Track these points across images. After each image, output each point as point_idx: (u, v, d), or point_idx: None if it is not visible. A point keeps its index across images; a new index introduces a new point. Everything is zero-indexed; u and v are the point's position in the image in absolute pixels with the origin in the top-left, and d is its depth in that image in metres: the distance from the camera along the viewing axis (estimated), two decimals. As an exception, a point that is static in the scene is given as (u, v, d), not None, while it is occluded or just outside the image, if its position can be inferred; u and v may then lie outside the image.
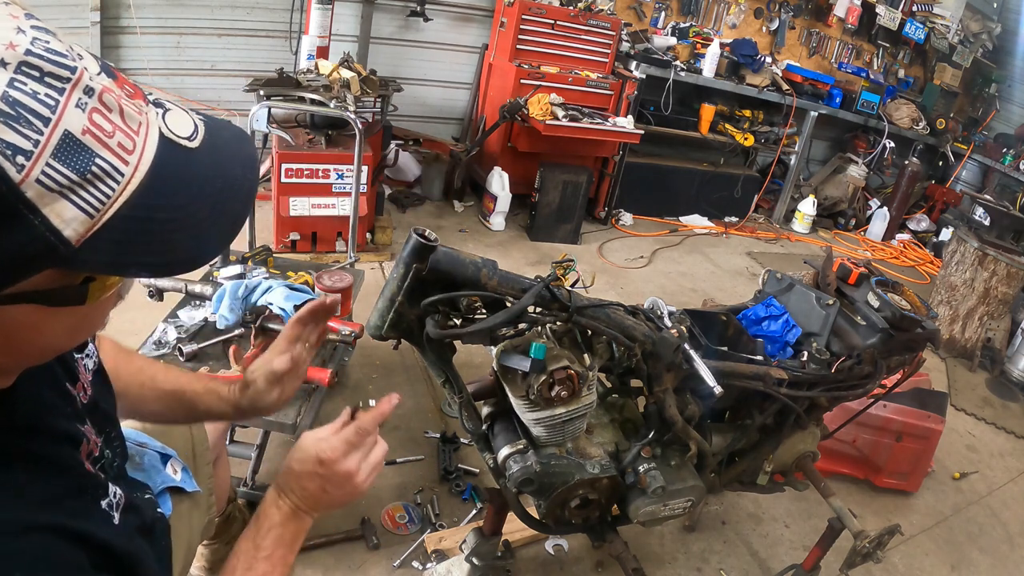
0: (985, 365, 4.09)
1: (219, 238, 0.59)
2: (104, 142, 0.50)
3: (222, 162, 0.59)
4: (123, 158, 0.52)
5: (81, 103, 0.49)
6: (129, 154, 0.52)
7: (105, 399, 0.88)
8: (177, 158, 0.56)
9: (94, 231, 0.50)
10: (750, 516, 2.42)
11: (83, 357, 0.84)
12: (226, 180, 0.59)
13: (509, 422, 1.46)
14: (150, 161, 0.53)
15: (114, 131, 0.51)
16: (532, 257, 4.32)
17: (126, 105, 0.53)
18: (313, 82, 3.32)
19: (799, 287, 1.84)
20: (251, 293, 2.03)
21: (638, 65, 4.89)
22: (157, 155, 0.54)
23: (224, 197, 0.58)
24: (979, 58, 6.80)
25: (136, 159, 0.53)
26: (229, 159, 0.60)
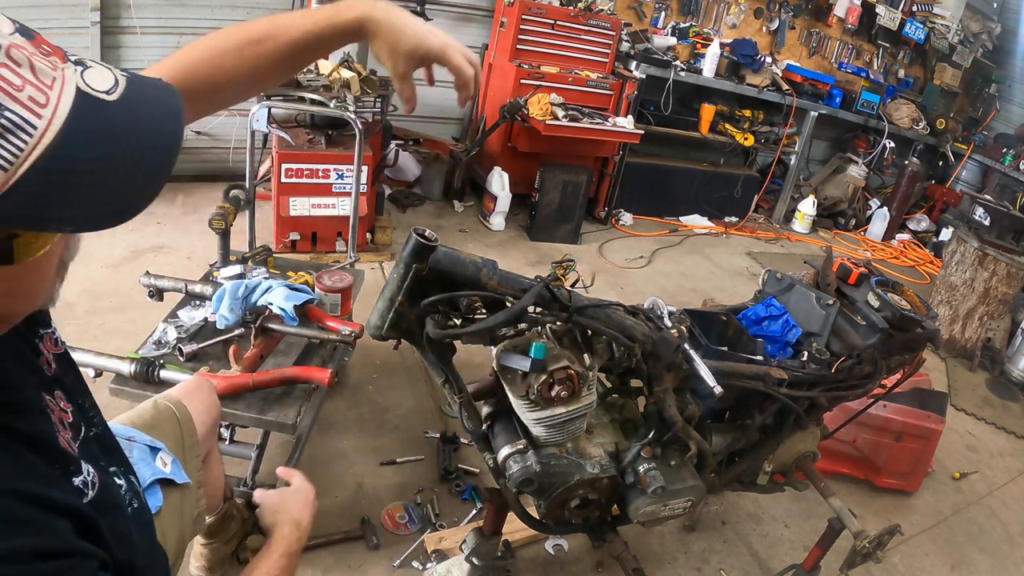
0: (985, 365, 4.09)
1: (141, 190, 0.58)
2: (13, 95, 0.50)
3: (142, 114, 0.59)
4: (35, 111, 0.51)
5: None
6: (42, 107, 0.52)
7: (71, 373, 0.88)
8: (94, 111, 0.55)
9: (10, 185, 0.50)
10: (750, 516, 2.42)
11: (50, 332, 0.85)
12: (146, 131, 0.59)
13: (509, 422, 1.46)
14: (65, 114, 0.53)
15: (24, 85, 0.51)
16: (532, 257, 4.32)
17: (38, 61, 0.53)
18: (313, 82, 3.32)
19: (799, 287, 1.84)
20: (251, 293, 2.03)
21: (638, 65, 4.89)
22: (73, 109, 0.54)
23: (144, 147, 0.58)
24: (979, 58, 6.80)
25: (50, 112, 0.52)
26: (150, 111, 0.60)
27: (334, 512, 2.07)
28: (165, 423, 1.32)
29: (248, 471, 1.94)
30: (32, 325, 0.82)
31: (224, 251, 2.38)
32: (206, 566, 1.73)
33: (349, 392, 2.63)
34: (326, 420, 2.44)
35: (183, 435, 1.34)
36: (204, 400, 1.46)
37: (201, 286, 2.09)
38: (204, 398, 1.46)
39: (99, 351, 1.77)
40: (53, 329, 0.86)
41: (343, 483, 2.19)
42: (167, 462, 1.21)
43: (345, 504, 2.11)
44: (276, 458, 2.12)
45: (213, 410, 1.49)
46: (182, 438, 1.33)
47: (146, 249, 3.44)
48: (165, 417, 1.34)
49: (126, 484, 0.95)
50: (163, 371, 1.75)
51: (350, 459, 2.30)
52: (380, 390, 2.68)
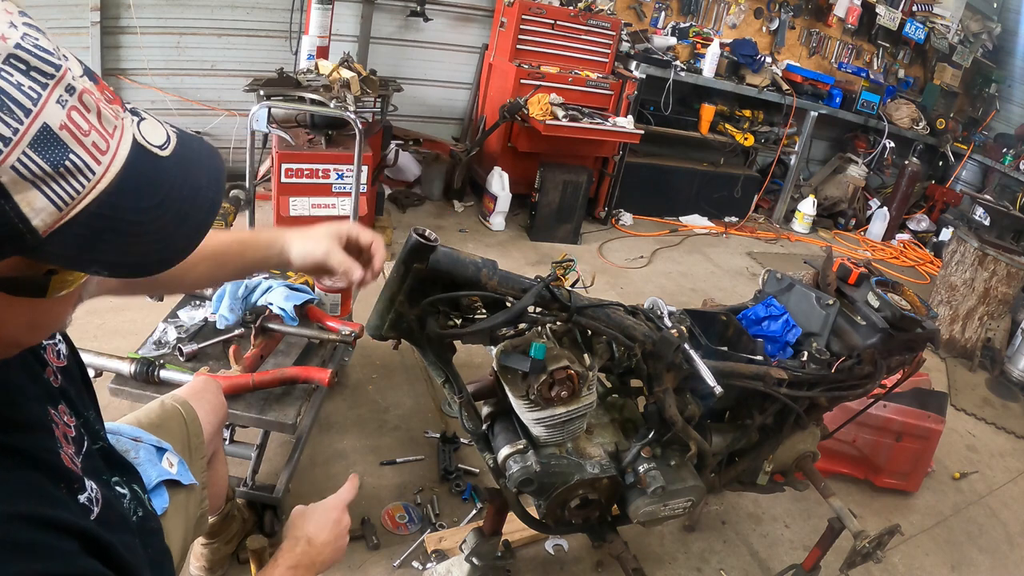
0: (985, 365, 4.09)
1: (180, 245, 0.61)
2: (80, 139, 0.52)
3: (190, 173, 0.61)
4: (96, 157, 0.53)
5: (62, 100, 0.51)
6: (102, 154, 0.54)
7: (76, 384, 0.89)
8: (147, 164, 0.58)
9: (61, 224, 0.52)
10: (750, 516, 2.42)
11: (53, 344, 0.86)
12: (192, 190, 0.61)
13: (509, 422, 1.46)
14: (121, 163, 0.55)
15: (90, 130, 0.53)
16: (532, 257, 4.32)
17: (104, 108, 0.55)
18: (313, 82, 3.32)
19: (799, 287, 1.84)
20: (251, 293, 2.03)
21: (638, 65, 4.89)
22: (129, 159, 0.56)
23: (188, 206, 0.60)
24: (979, 58, 6.80)
25: (108, 159, 0.54)
26: (197, 170, 0.62)
27: (334, 512, 2.07)
28: (172, 423, 1.33)
29: (248, 471, 1.94)
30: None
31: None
32: (206, 566, 1.73)
33: (349, 392, 2.63)
34: (326, 420, 2.44)
35: (189, 435, 1.34)
36: (211, 401, 1.46)
37: (201, 286, 2.09)
38: (211, 399, 1.46)
39: (99, 351, 1.77)
40: (56, 340, 0.87)
41: (343, 483, 2.18)
42: (173, 463, 1.21)
43: (345, 504, 2.11)
44: (276, 458, 2.12)
45: (220, 411, 1.49)
46: (188, 438, 1.33)
47: (146, 249, 3.43)
48: (172, 417, 1.34)
49: (129, 494, 0.96)
50: (163, 371, 1.75)
51: (350, 459, 2.30)
52: (380, 390, 2.68)
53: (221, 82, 4.26)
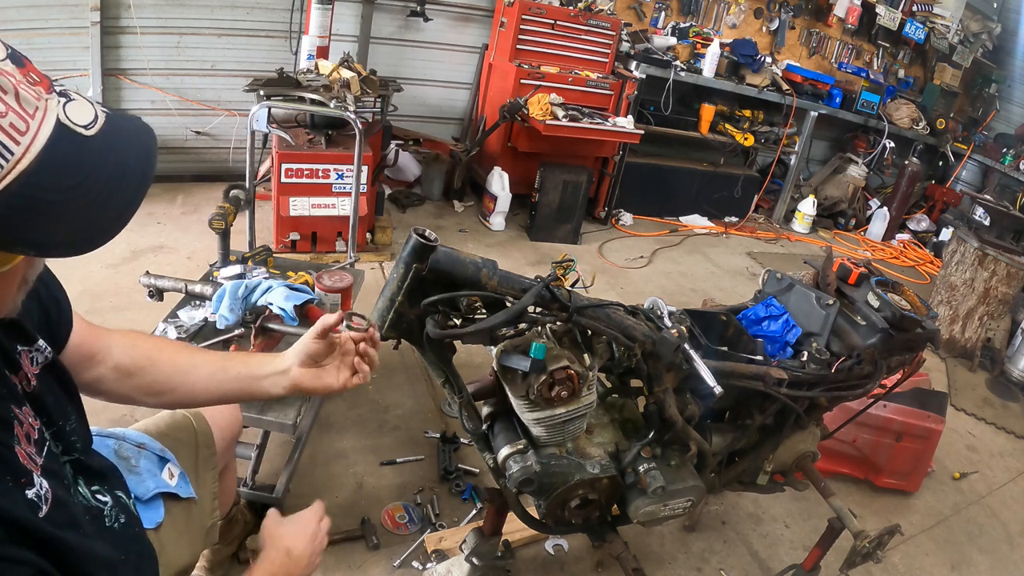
0: (985, 365, 4.09)
1: (107, 224, 0.61)
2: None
3: (116, 151, 0.61)
4: (14, 138, 0.53)
5: None
6: (21, 135, 0.54)
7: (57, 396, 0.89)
8: (70, 144, 0.57)
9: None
10: (750, 516, 2.42)
11: (31, 350, 0.86)
12: (118, 167, 0.61)
13: (509, 422, 1.46)
14: (42, 144, 0.55)
15: (7, 111, 0.53)
16: (532, 257, 4.32)
17: (23, 90, 0.55)
18: (313, 82, 3.32)
19: (799, 287, 1.84)
20: (251, 293, 2.03)
21: (638, 65, 4.89)
22: (51, 139, 0.56)
23: (113, 185, 0.60)
24: (979, 58, 6.80)
25: (28, 140, 0.54)
26: (124, 149, 0.62)
27: (334, 512, 2.06)
28: (181, 432, 1.32)
29: (248, 471, 1.94)
30: (12, 339, 0.83)
31: (224, 251, 2.38)
32: (207, 566, 1.73)
33: (349, 392, 2.61)
34: (326, 420, 2.44)
35: (198, 445, 1.33)
36: (227, 415, 1.46)
37: (201, 286, 2.09)
38: (226, 413, 1.46)
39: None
40: (34, 348, 0.87)
41: (343, 483, 2.19)
42: (175, 474, 1.20)
43: (345, 504, 2.11)
44: (276, 458, 2.12)
45: (234, 426, 1.49)
46: (196, 449, 1.33)
47: (146, 249, 3.44)
48: (181, 427, 1.34)
49: (111, 500, 0.96)
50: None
51: (350, 459, 2.30)
52: (380, 390, 2.68)
53: (221, 82, 4.26)
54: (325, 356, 1.12)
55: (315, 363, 1.11)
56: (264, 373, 1.12)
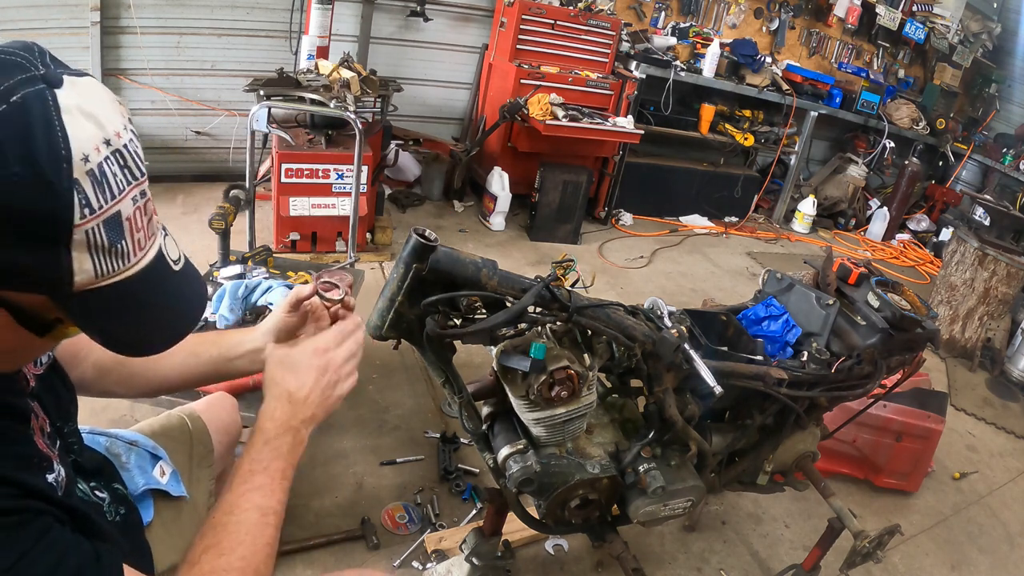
0: (985, 365, 4.09)
1: (165, 339, 0.74)
2: (133, 233, 0.65)
3: (188, 289, 0.75)
4: (136, 250, 0.66)
5: (135, 198, 0.65)
6: (141, 250, 0.67)
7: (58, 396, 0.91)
8: (164, 270, 0.71)
9: (91, 288, 0.63)
10: (750, 516, 2.42)
11: None
12: (187, 302, 0.75)
13: (509, 422, 1.46)
14: (148, 262, 0.68)
15: (141, 229, 0.67)
16: (532, 257, 4.32)
17: (154, 217, 0.70)
18: (313, 82, 3.32)
19: (799, 287, 1.84)
20: (251, 293, 2.03)
21: (638, 65, 4.89)
22: (154, 260, 0.69)
23: (181, 312, 0.74)
24: (979, 58, 6.80)
25: (143, 255, 0.68)
26: (192, 290, 0.76)
27: (334, 512, 2.07)
28: (175, 431, 1.32)
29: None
30: None
31: (224, 251, 2.38)
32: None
33: (349, 392, 2.62)
34: (326, 420, 2.42)
35: (193, 444, 1.33)
36: (224, 418, 1.45)
37: (201, 286, 2.09)
38: (225, 416, 1.46)
39: (99, 351, 1.76)
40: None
41: (343, 483, 2.19)
42: (166, 472, 1.20)
43: (345, 504, 2.11)
44: (276, 458, 2.12)
45: (233, 429, 1.49)
46: (191, 449, 1.33)
47: (146, 249, 3.43)
48: (175, 426, 1.34)
49: (109, 496, 0.97)
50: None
51: (350, 459, 2.30)
52: (380, 390, 2.68)
53: (221, 82, 4.26)
54: (299, 328, 1.08)
55: (290, 336, 1.07)
56: (237, 354, 1.09)
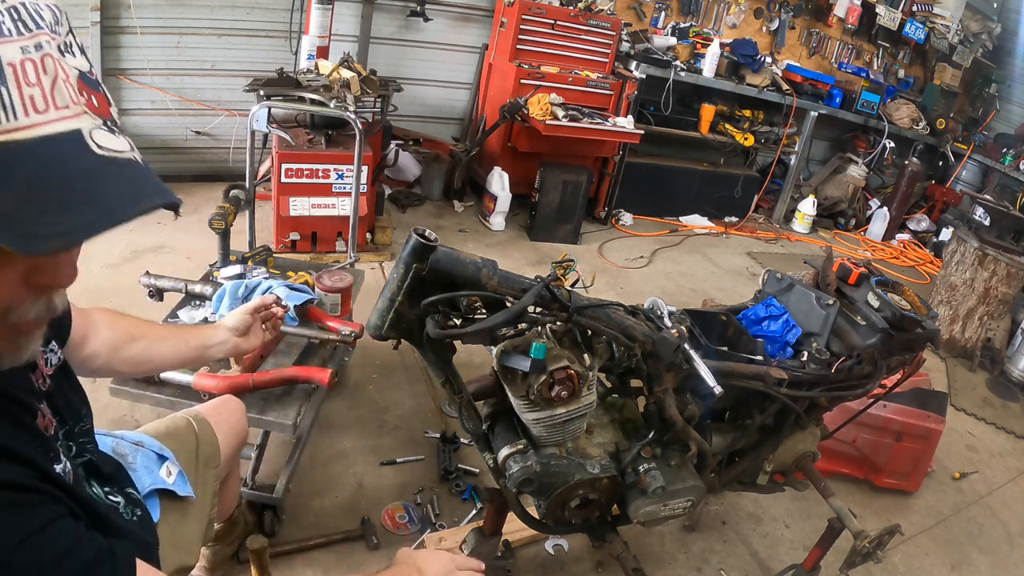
0: (985, 365, 4.09)
1: (55, 238, 0.56)
2: (21, 85, 0.56)
3: (110, 182, 0.60)
4: (26, 109, 0.56)
5: (25, 49, 0.57)
6: (35, 112, 0.56)
7: (68, 397, 0.92)
8: (72, 151, 0.58)
9: None
10: (750, 516, 2.42)
11: (44, 352, 0.89)
12: (100, 196, 0.59)
13: (509, 422, 1.46)
14: (48, 133, 0.57)
15: (35, 86, 0.57)
16: (532, 257, 4.32)
17: (63, 86, 0.59)
18: (313, 82, 3.32)
19: (799, 287, 1.84)
20: (251, 293, 2.03)
21: (638, 65, 4.89)
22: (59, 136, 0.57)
23: (85, 204, 0.58)
24: (979, 58, 6.80)
25: (39, 120, 0.56)
26: (118, 186, 0.60)
27: (334, 512, 2.07)
28: (181, 433, 1.33)
29: (248, 471, 1.94)
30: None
31: (224, 251, 2.38)
32: (207, 567, 1.73)
33: (349, 392, 2.63)
34: (326, 420, 2.44)
35: (199, 445, 1.34)
36: (231, 422, 1.47)
37: (201, 286, 2.09)
38: (232, 420, 1.47)
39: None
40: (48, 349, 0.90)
41: (343, 483, 2.19)
42: (172, 472, 1.20)
43: (345, 504, 2.11)
44: (276, 458, 2.12)
45: (240, 434, 1.50)
46: (197, 450, 1.33)
47: (146, 249, 3.44)
48: (181, 428, 1.35)
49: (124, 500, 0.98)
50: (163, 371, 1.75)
51: (350, 459, 2.30)
52: (380, 390, 2.68)
53: (221, 82, 4.26)
54: (251, 325, 1.48)
55: (245, 332, 1.47)
56: (211, 343, 1.41)
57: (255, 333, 1.50)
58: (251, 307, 1.49)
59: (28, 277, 0.64)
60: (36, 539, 0.65)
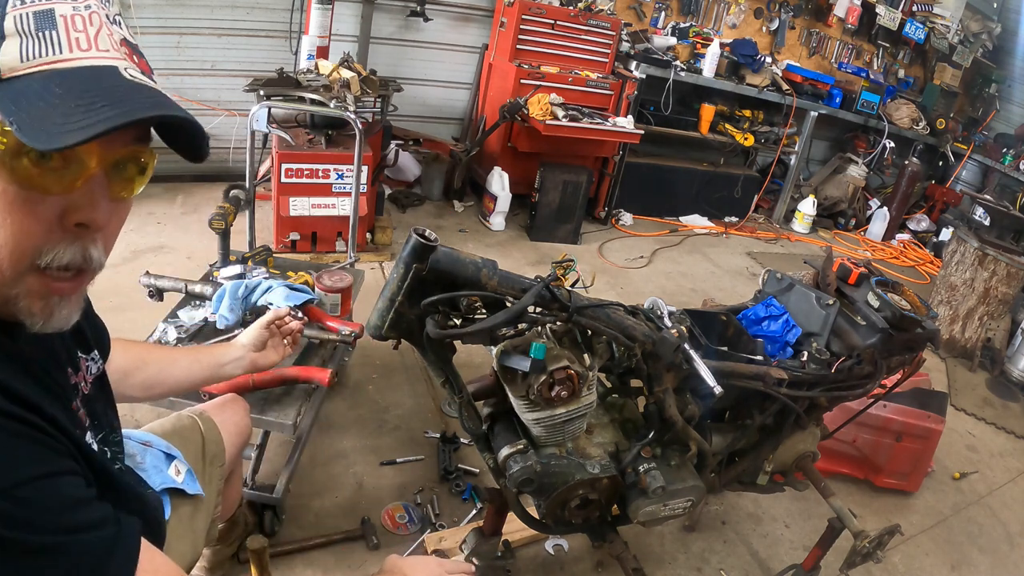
0: (985, 365, 4.09)
1: (86, 127, 0.60)
2: (69, 30, 0.63)
3: (133, 92, 0.65)
4: (71, 46, 0.63)
5: (76, 7, 0.64)
6: (79, 49, 0.63)
7: (103, 403, 0.94)
8: (113, 76, 0.65)
9: (16, 75, 0.60)
10: (750, 516, 2.42)
11: (87, 359, 0.91)
12: (126, 100, 0.64)
13: (509, 422, 1.46)
14: (87, 65, 0.63)
15: (81, 32, 0.64)
16: (532, 257, 4.32)
17: (106, 34, 0.66)
18: (313, 82, 3.32)
19: (799, 287, 1.84)
20: (251, 293, 2.03)
21: (638, 65, 4.89)
22: (97, 68, 0.64)
23: (108, 106, 0.62)
24: (979, 58, 6.80)
25: (80, 55, 0.63)
26: (142, 95, 0.66)
27: (334, 512, 2.07)
28: (187, 432, 1.34)
29: (248, 471, 1.94)
30: (75, 344, 0.89)
31: (224, 251, 2.38)
32: (207, 567, 1.73)
33: (349, 392, 2.63)
34: (326, 420, 2.44)
35: (204, 443, 1.34)
36: (236, 421, 1.48)
37: (201, 286, 2.09)
38: (235, 419, 1.48)
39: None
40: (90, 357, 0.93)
41: (343, 483, 2.19)
42: (181, 471, 1.21)
43: (345, 504, 2.11)
44: (276, 458, 2.12)
45: (244, 432, 1.51)
46: (203, 449, 1.33)
47: (146, 249, 3.44)
48: (187, 427, 1.35)
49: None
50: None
51: (350, 459, 2.30)
52: (380, 390, 2.68)
53: (221, 82, 4.26)
54: (267, 340, 1.49)
55: (262, 347, 1.47)
56: (226, 360, 1.40)
57: (274, 348, 1.50)
58: (265, 321, 1.49)
59: (63, 216, 0.66)
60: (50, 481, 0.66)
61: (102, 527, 0.71)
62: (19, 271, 0.66)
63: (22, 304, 0.68)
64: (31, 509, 0.63)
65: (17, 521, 0.62)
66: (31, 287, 0.68)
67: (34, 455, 0.66)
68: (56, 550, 0.65)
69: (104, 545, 0.70)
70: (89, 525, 0.69)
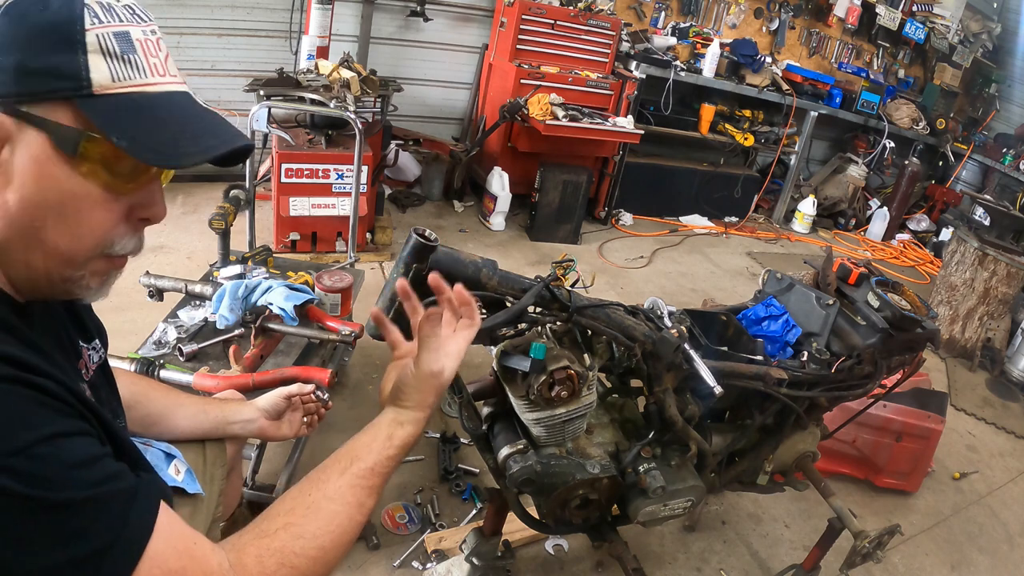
0: (985, 365, 4.09)
1: (195, 153, 0.74)
2: (147, 55, 0.73)
3: (219, 121, 0.79)
4: (153, 71, 0.73)
5: (145, 32, 0.73)
6: (159, 75, 0.74)
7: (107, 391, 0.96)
8: (191, 102, 0.77)
9: (111, 92, 0.69)
10: (750, 516, 2.42)
11: (88, 348, 0.95)
12: (218, 130, 0.79)
13: (509, 422, 1.46)
14: (171, 89, 0.75)
15: (156, 57, 0.74)
16: (532, 257, 4.32)
17: (172, 63, 0.77)
18: (313, 82, 3.32)
19: (799, 287, 1.84)
20: (251, 293, 2.03)
21: (638, 65, 4.89)
22: (179, 93, 0.76)
23: (210, 134, 0.77)
24: (979, 58, 6.80)
25: (164, 81, 0.74)
26: (224, 124, 0.80)
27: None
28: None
29: (248, 471, 1.94)
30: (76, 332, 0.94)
31: (224, 251, 2.38)
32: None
33: (349, 392, 2.63)
34: (326, 420, 2.43)
35: (206, 444, 1.34)
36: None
37: (201, 286, 2.09)
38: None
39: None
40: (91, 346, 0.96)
41: (343, 483, 2.19)
42: (181, 470, 1.20)
43: (345, 504, 2.10)
44: (276, 458, 2.12)
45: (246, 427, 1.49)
46: (204, 448, 1.33)
47: (146, 249, 3.38)
48: None
49: None
50: (163, 371, 1.75)
51: (350, 459, 2.30)
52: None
53: (221, 82, 4.26)
54: (285, 411, 1.41)
55: (278, 416, 1.39)
56: (235, 420, 1.34)
57: (290, 423, 1.42)
58: (287, 392, 1.41)
59: (130, 212, 0.78)
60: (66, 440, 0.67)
61: (120, 479, 0.72)
62: (91, 257, 0.77)
63: (85, 282, 0.79)
64: (51, 467, 0.65)
65: (37, 479, 0.63)
66: (96, 268, 0.79)
67: (49, 417, 0.68)
68: (78, 503, 0.67)
69: (124, 496, 0.72)
70: (107, 477, 0.71)
